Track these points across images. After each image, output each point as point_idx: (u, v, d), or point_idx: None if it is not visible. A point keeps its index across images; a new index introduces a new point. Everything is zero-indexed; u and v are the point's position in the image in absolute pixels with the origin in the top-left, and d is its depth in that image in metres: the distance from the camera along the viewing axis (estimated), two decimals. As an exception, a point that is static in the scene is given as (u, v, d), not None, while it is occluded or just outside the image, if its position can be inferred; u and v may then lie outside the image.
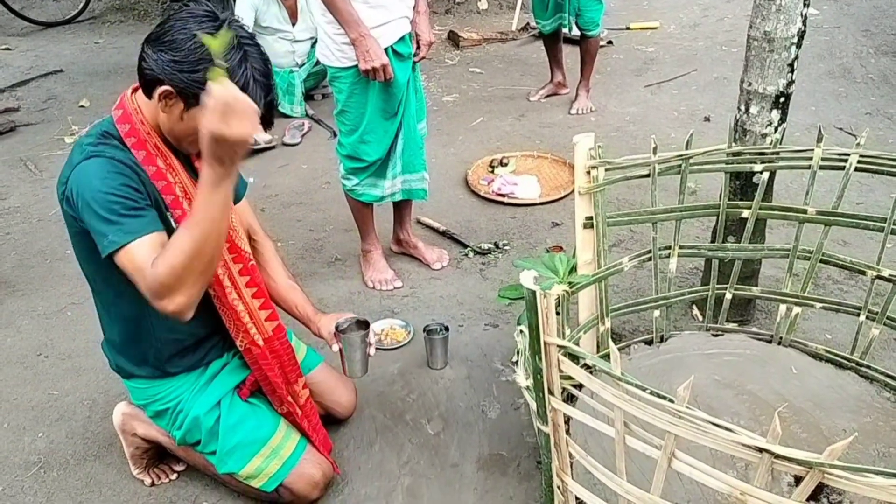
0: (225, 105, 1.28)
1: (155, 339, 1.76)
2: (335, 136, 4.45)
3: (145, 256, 1.45)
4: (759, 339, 2.34)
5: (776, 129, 2.30)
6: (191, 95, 1.48)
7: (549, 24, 4.46)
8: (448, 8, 6.89)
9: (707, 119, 4.39)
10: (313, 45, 4.63)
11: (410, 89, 2.71)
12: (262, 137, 4.16)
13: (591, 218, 2.16)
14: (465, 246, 3.19)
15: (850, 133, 4.07)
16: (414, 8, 2.64)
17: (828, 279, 2.87)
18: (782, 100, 2.27)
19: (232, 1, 5.64)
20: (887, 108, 4.39)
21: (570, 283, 2.14)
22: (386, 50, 2.53)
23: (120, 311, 1.74)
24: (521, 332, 1.76)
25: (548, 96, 4.84)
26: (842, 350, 2.27)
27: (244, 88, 1.45)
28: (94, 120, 4.63)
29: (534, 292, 1.43)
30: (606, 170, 2.12)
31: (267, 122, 1.54)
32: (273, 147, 4.27)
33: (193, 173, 1.70)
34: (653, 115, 4.50)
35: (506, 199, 3.55)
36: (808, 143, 2.18)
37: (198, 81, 1.44)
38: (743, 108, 2.33)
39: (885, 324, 2.14)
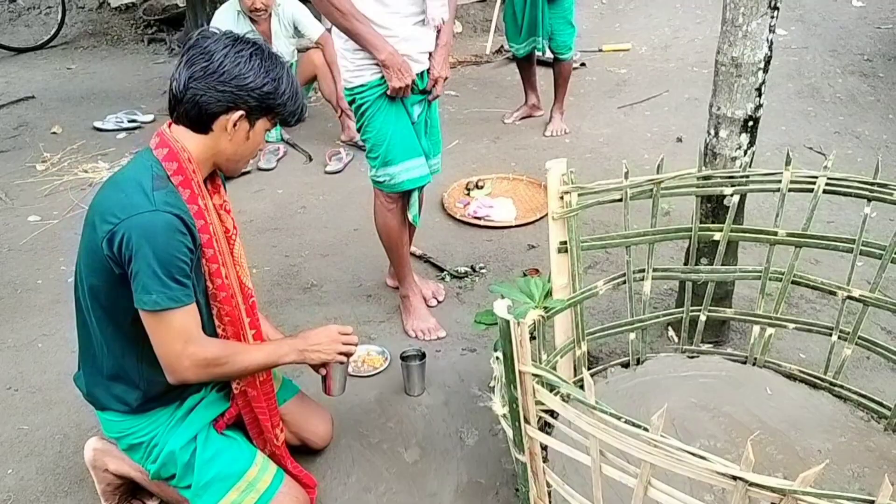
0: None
1: (144, 378, 1.74)
2: (311, 160, 4.44)
3: (186, 323, 1.60)
4: (734, 361, 2.36)
5: (745, 153, 2.33)
6: (259, 111, 1.63)
7: (523, 48, 4.50)
8: (423, 31, 6.93)
9: (679, 140, 4.44)
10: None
11: (421, 126, 2.63)
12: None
13: (565, 242, 2.17)
14: (442, 270, 3.19)
15: (819, 152, 4.14)
16: (436, 43, 2.55)
17: (801, 298, 2.90)
18: (751, 124, 2.30)
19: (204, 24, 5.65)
20: (855, 127, 4.47)
21: (545, 307, 2.15)
22: None
23: (125, 340, 1.70)
24: (497, 358, 1.76)
25: (522, 118, 4.87)
26: (816, 369, 2.29)
27: (295, 95, 1.67)
28: (67, 146, 4.66)
29: (507, 321, 1.43)
30: (579, 195, 2.13)
31: (301, 118, 1.75)
32: (248, 172, 4.25)
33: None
34: (626, 137, 4.55)
35: (482, 222, 3.56)
36: (779, 162, 2.21)
37: (268, 94, 1.61)
38: (712, 131, 2.36)
39: (856, 343, 2.17)
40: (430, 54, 2.55)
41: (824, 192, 2.12)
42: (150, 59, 6.54)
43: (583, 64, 5.79)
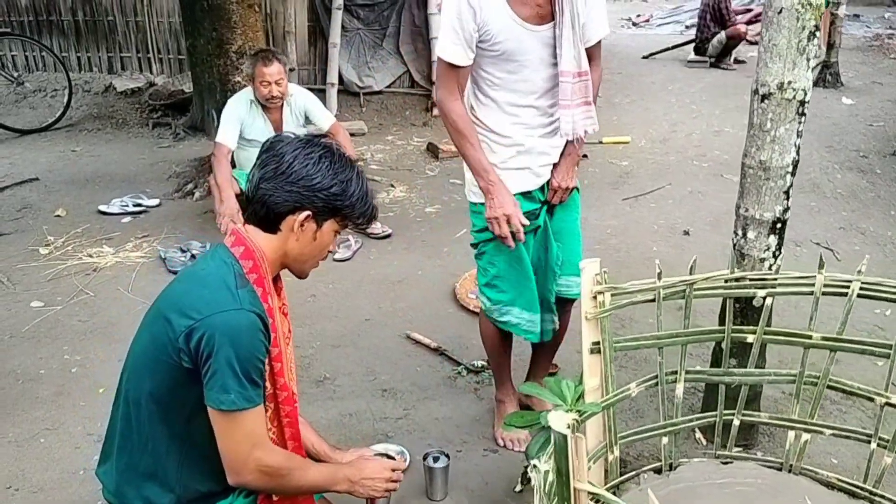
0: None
1: (181, 482, 1.66)
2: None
3: (256, 426, 1.59)
4: (769, 467, 2.29)
5: (774, 254, 2.33)
6: (326, 212, 1.65)
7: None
8: (426, 121, 7.07)
9: (686, 233, 4.47)
10: (297, 158, 4.66)
11: (541, 238, 2.48)
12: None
13: (597, 343, 2.13)
14: (458, 364, 3.12)
15: (826, 248, 4.17)
16: (562, 152, 2.44)
17: (825, 399, 2.84)
18: (779, 226, 2.31)
19: (214, 113, 5.71)
20: (859, 223, 4.53)
21: (579, 411, 2.09)
22: (515, 196, 2.36)
23: (172, 440, 1.63)
24: (535, 467, 1.69)
25: (529, 208, 4.90)
26: (849, 475, 2.23)
27: (364, 198, 1.69)
28: (71, 230, 4.61)
29: (564, 436, 1.38)
30: (612, 295, 2.11)
31: (371, 220, 1.76)
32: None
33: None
34: (633, 229, 4.57)
35: (496, 315, 3.51)
36: (789, 257, 2.21)
37: (335, 196, 1.64)
38: (740, 232, 2.36)
39: (897, 451, 2.11)
40: (555, 165, 2.43)
41: (859, 296, 2.10)
42: (154, 143, 6.58)
43: (585, 155, 5.88)
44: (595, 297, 2.10)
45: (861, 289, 2.10)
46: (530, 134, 2.36)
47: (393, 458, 2.20)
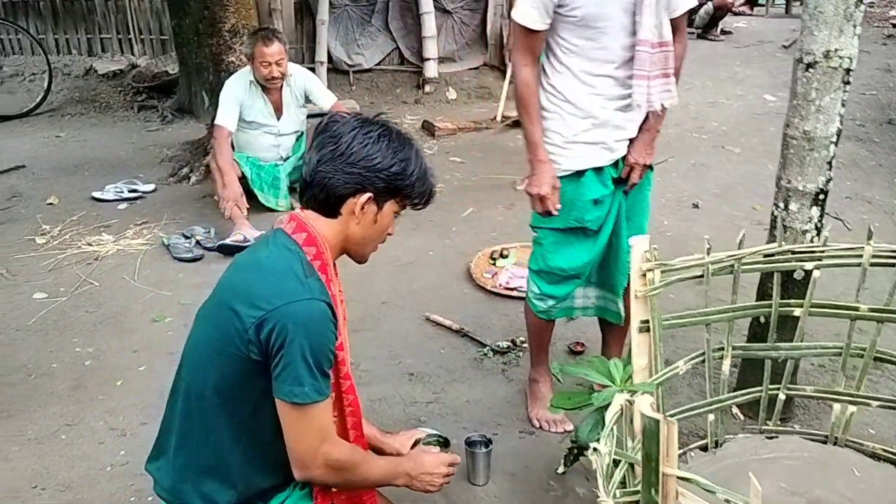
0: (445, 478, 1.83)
1: (243, 478, 1.60)
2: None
3: (325, 420, 1.54)
4: (814, 440, 2.27)
5: (816, 226, 2.30)
6: (387, 193, 1.60)
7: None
8: (417, 98, 6.96)
9: (696, 206, 4.45)
10: (298, 139, 4.57)
11: (613, 213, 2.39)
12: (252, 234, 4.01)
13: (646, 321, 2.09)
14: (483, 345, 3.07)
15: (836, 217, 4.16)
16: (641, 126, 2.33)
17: (854, 369, 2.84)
18: (822, 197, 2.28)
19: (204, 95, 5.56)
20: (864, 192, 4.54)
21: (630, 391, 2.05)
22: (585, 172, 2.32)
23: (235, 434, 1.57)
24: (596, 450, 1.65)
25: (533, 185, 4.85)
26: (890, 446, 2.22)
27: (423, 177, 1.65)
28: (66, 218, 4.47)
29: (656, 421, 1.33)
30: (662, 272, 2.06)
31: (429, 199, 1.72)
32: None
33: None
34: (641, 203, 4.54)
35: (516, 293, 3.46)
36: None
37: (396, 175, 1.58)
38: (782, 204, 2.33)
39: (947, 421, 2.11)
40: (631, 140, 2.34)
41: (907, 266, 2.08)
42: (142, 127, 6.42)
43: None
44: (644, 275, 2.06)
45: (909, 259, 2.08)
46: (605, 106, 2.26)
47: (443, 440, 2.13)
